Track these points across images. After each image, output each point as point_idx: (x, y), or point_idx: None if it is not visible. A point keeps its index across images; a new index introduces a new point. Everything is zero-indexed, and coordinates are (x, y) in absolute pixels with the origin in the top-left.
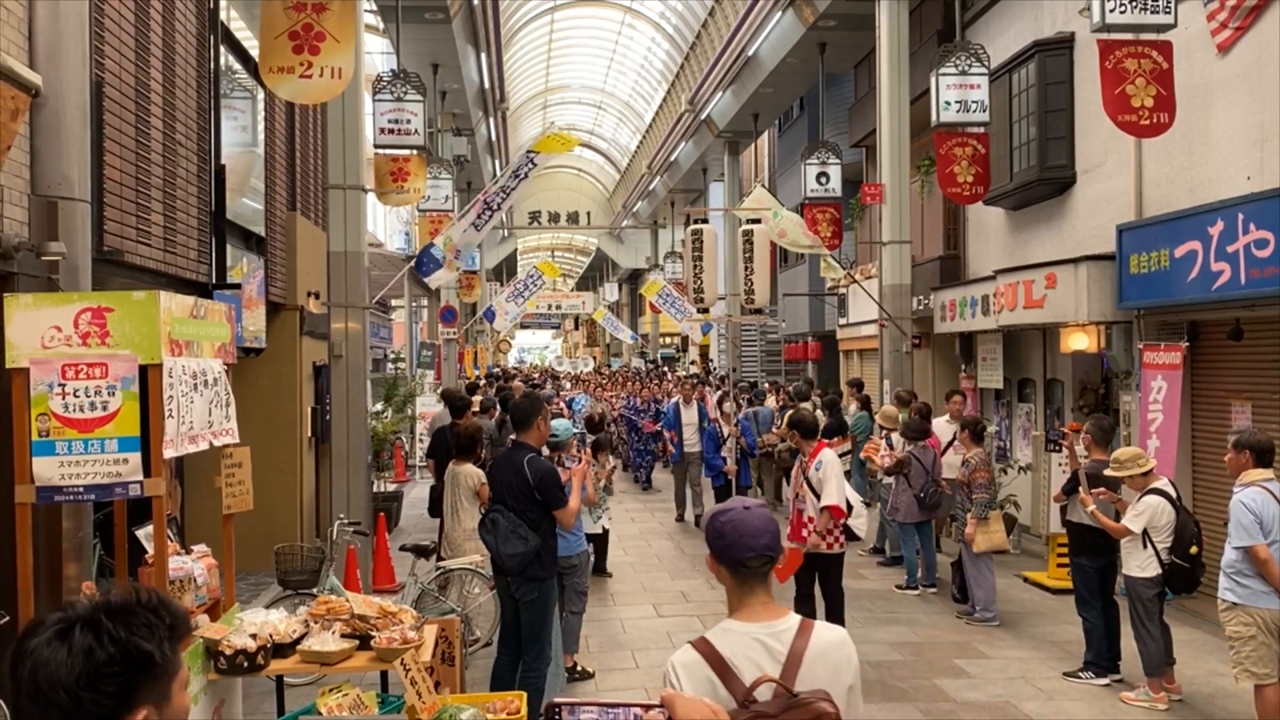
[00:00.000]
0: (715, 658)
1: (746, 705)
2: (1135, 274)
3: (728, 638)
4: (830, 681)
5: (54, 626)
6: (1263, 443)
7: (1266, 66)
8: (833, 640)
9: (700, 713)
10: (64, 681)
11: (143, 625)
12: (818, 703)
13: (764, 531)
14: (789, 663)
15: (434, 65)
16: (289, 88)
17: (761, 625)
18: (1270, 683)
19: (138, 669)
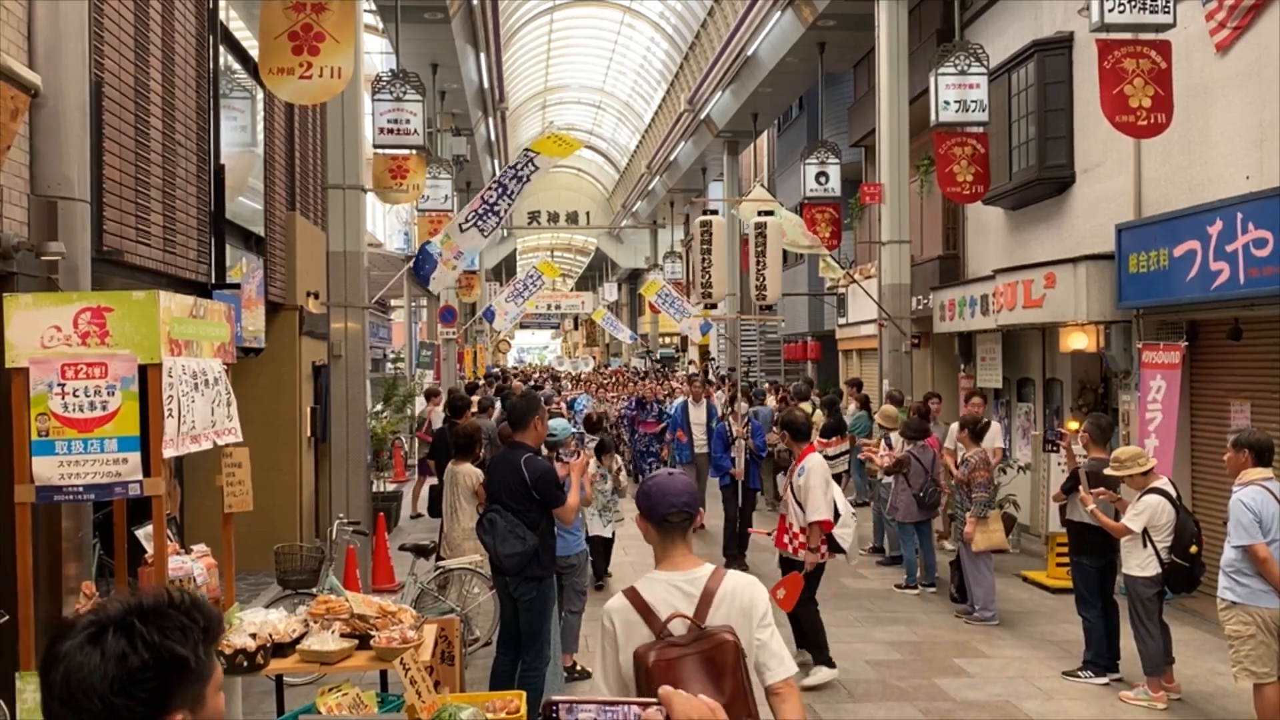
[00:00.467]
0: (639, 602)
1: (662, 638)
2: (1134, 273)
3: (651, 585)
4: (741, 619)
5: (85, 630)
6: (1262, 442)
7: (1265, 66)
8: (743, 583)
9: (698, 710)
10: (97, 687)
11: (176, 628)
12: (721, 634)
13: (683, 492)
14: (701, 603)
15: (433, 65)
16: (289, 88)
17: (680, 573)
18: (1269, 682)
19: (172, 673)
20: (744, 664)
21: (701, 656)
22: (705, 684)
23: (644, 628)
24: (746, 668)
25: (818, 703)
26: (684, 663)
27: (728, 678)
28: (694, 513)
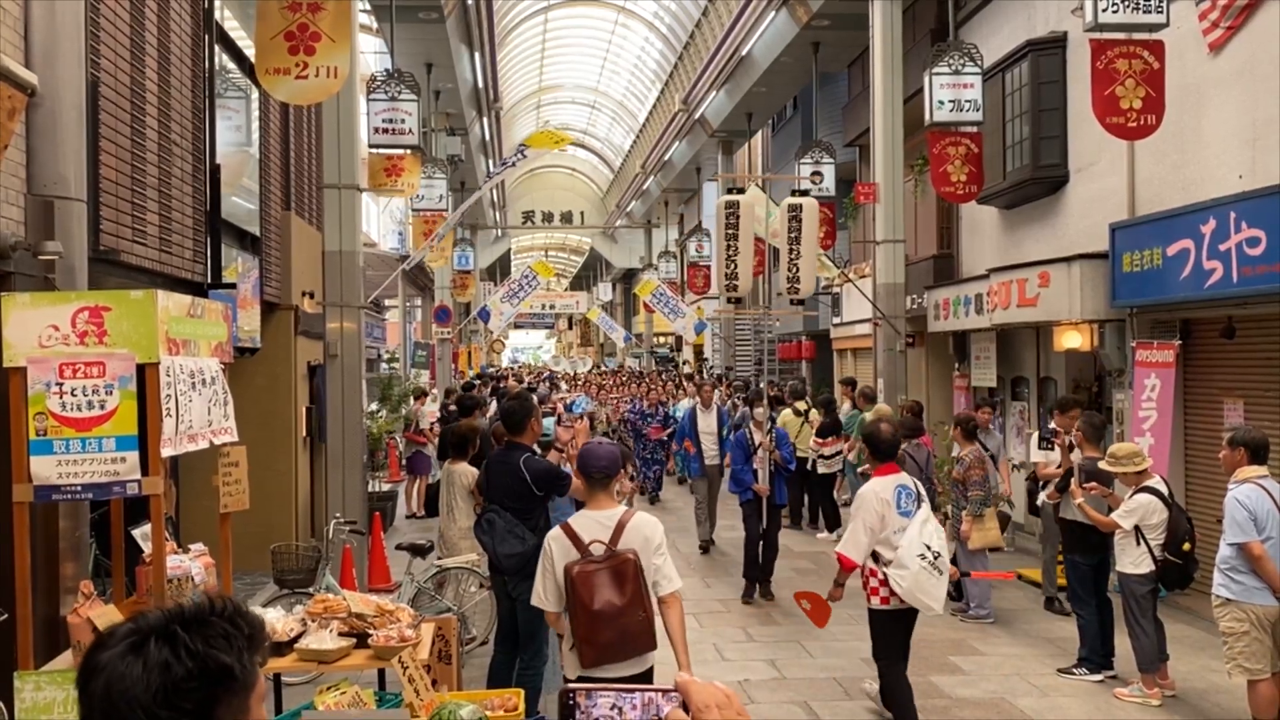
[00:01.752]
0: (570, 531)
1: (584, 557)
2: (1128, 272)
3: (581, 519)
4: (642, 545)
5: (126, 639)
6: (1257, 440)
7: (1258, 65)
8: (646, 520)
9: (713, 695)
10: (140, 699)
11: (220, 636)
12: (626, 554)
13: (604, 458)
14: (614, 533)
15: (428, 65)
16: (285, 89)
17: (601, 512)
18: (1263, 678)
19: (217, 683)
20: (642, 576)
21: (610, 570)
22: (612, 588)
23: (573, 550)
24: (644, 579)
25: (814, 701)
26: (598, 574)
27: (629, 584)
28: (613, 474)
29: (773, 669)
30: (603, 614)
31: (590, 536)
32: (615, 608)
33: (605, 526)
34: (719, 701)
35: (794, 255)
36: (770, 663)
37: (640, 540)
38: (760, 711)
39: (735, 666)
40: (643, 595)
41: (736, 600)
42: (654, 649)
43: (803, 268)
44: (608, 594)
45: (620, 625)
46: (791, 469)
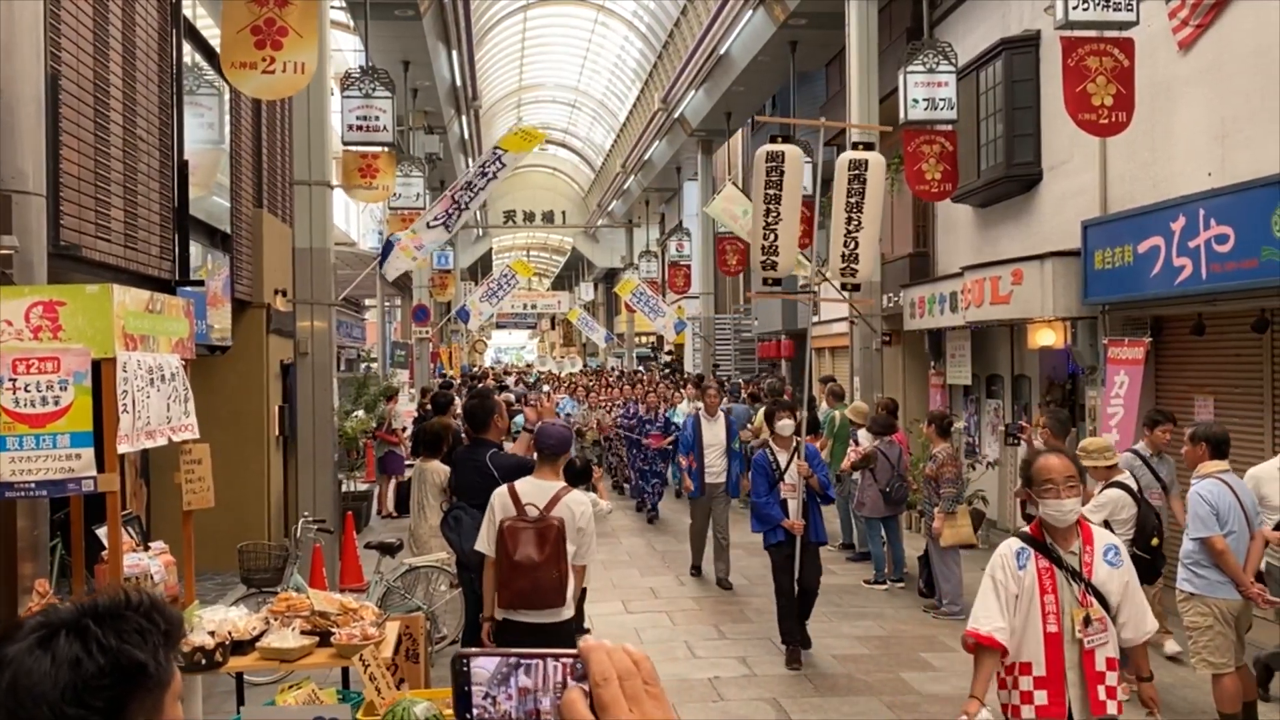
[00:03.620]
0: (514, 493)
1: (519, 515)
2: (1100, 270)
3: (525, 484)
4: (570, 516)
5: (34, 633)
6: (1219, 435)
7: (1227, 63)
8: (578, 499)
9: (619, 663)
10: (48, 695)
11: (134, 630)
12: (552, 519)
13: (555, 436)
14: (549, 502)
15: (404, 62)
16: (252, 83)
17: (544, 483)
18: (1228, 672)
19: (129, 680)
20: (563, 542)
21: (536, 530)
22: (534, 545)
23: (512, 508)
24: (565, 545)
25: (784, 698)
26: (525, 531)
27: (549, 545)
28: (561, 451)
29: (743, 666)
30: (521, 565)
31: (529, 500)
32: (533, 562)
33: (544, 494)
34: (624, 670)
35: (853, 226)
36: (741, 660)
37: (569, 514)
38: (730, 708)
39: (706, 664)
40: (559, 557)
41: (709, 597)
42: (562, 605)
43: (863, 243)
44: (529, 549)
45: (534, 578)
46: (832, 496)
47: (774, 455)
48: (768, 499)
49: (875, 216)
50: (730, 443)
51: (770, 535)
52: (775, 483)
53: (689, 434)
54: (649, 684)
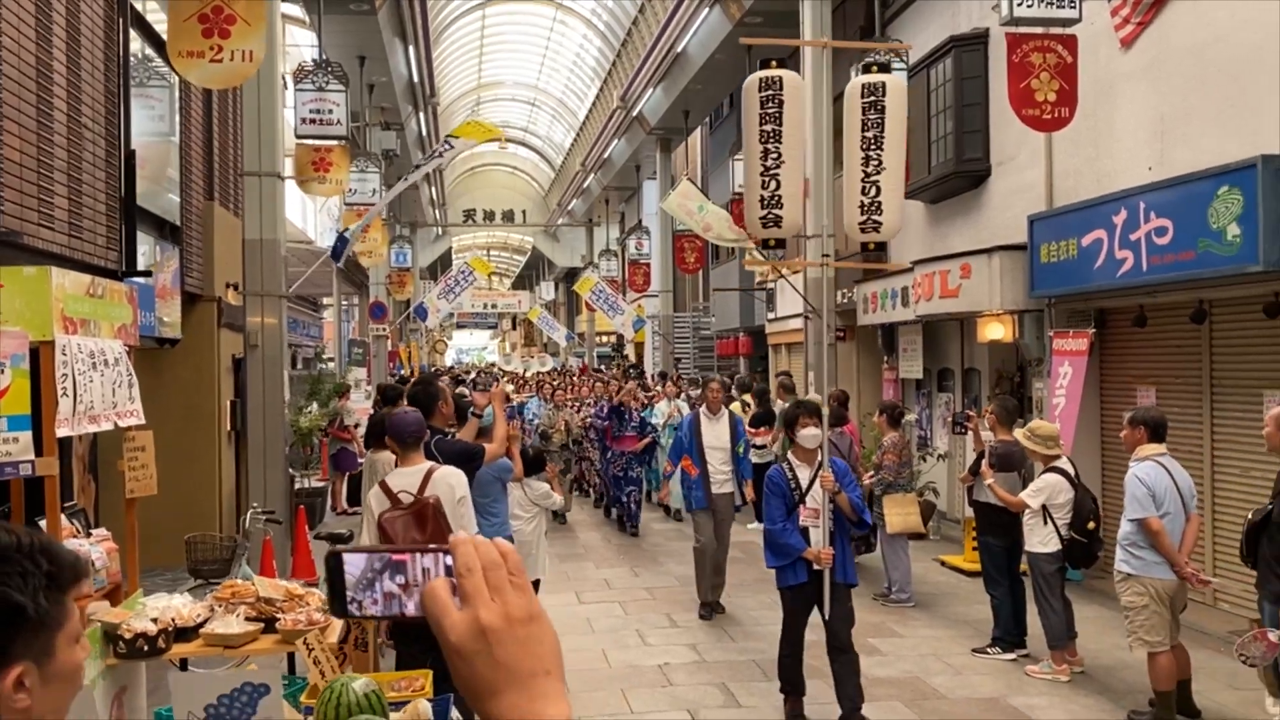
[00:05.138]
0: (386, 487)
1: (394, 506)
2: (1046, 263)
3: (394, 476)
4: (446, 493)
5: None
6: (1156, 418)
7: (1166, 60)
8: (449, 472)
9: (485, 555)
10: None
11: (16, 574)
12: (427, 500)
13: (412, 424)
14: (421, 484)
15: (360, 57)
16: (199, 72)
17: (411, 468)
18: (1163, 650)
19: (8, 623)
20: (443, 518)
21: (413, 514)
22: (415, 529)
23: (387, 500)
24: (445, 521)
25: (733, 682)
26: (402, 519)
27: (429, 524)
28: (420, 437)
29: (694, 653)
30: None
31: (400, 488)
32: (418, 544)
33: (414, 479)
34: (489, 562)
35: (872, 169)
36: (691, 647)
37: (445, 489)
38: (679, 693)
39: (657, 651)
40: (442, 533)
41: (663, 588)
42: None
43: (886, 187)
44: (412, 534)
45: None
46: (869, 521)
47: (793, 471)
48: (784, 525)
49: (899, 153)
50: (735, 445)
51: (789, 574)
52: (794, 506)
53: (686, 435)
54: (514, 575)
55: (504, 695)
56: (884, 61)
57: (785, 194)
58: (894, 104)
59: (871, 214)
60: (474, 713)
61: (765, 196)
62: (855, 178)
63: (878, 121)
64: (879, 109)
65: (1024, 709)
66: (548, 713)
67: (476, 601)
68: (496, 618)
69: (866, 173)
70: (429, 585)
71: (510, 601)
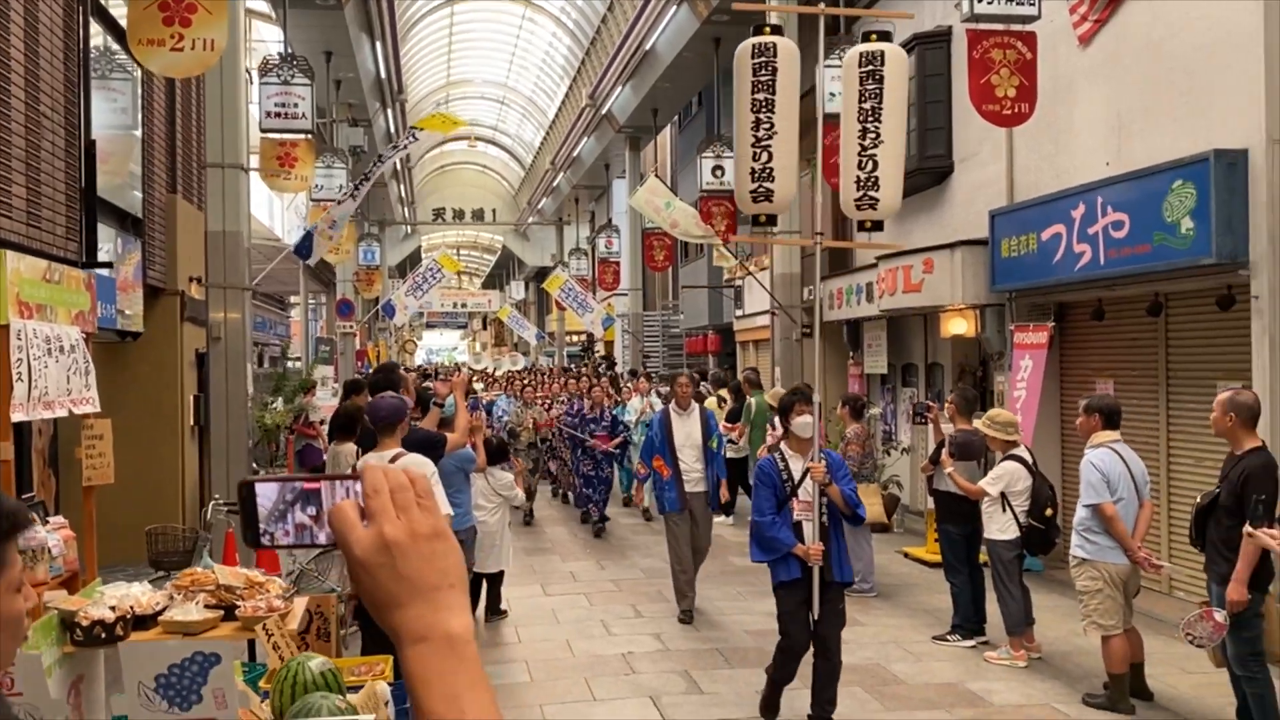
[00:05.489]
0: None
1: None
2: (1006, 257)
3: (364, 461)
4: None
5: None
6: (1111, 406)
7: (1123, 57)
8: (415, 459)
9: (393, 479)
10: None
11: None
12: None
13: (385, 409)
14: None
15: (327, 53)
16: (159, 60)
17: (384, 452)
18: (1116, 634)
19: None
20: None
21: None
22: None
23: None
24: None
25: (695, 670)
26: None
27: None
28: (396, 422)
29: (658, 641)
30: None
31: None
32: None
33: (382, 463)
34: (396, 484)
35: (869, 142)
36: (655, 636)
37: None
38: (642, 680)
39: (621, 640)
40: None
41: (629, 580)
42: None
43: (885, 161)
44: None
45: None
46: (862, 515)
47: (784, 463)
48: (773, 518)
49: (898, 126)
50: (708, 441)
51: (781, 569)
52: (785, 499)
53: (657, 433)
54: (422, 498)
55: (408, 607)
56: (884, 30)
57: (778, 166)
58: (893, 74)
59: (868, 190)
60: None
61: (756, 169)
62: (851, 151)
63: (875, 92)
64: (877, 79)
65: (982, 693)
66: (451, 623)
67: (382, 519)
68: (401, 533)
69: (863, 146)
70: (336, 505)
71: (416, 519)
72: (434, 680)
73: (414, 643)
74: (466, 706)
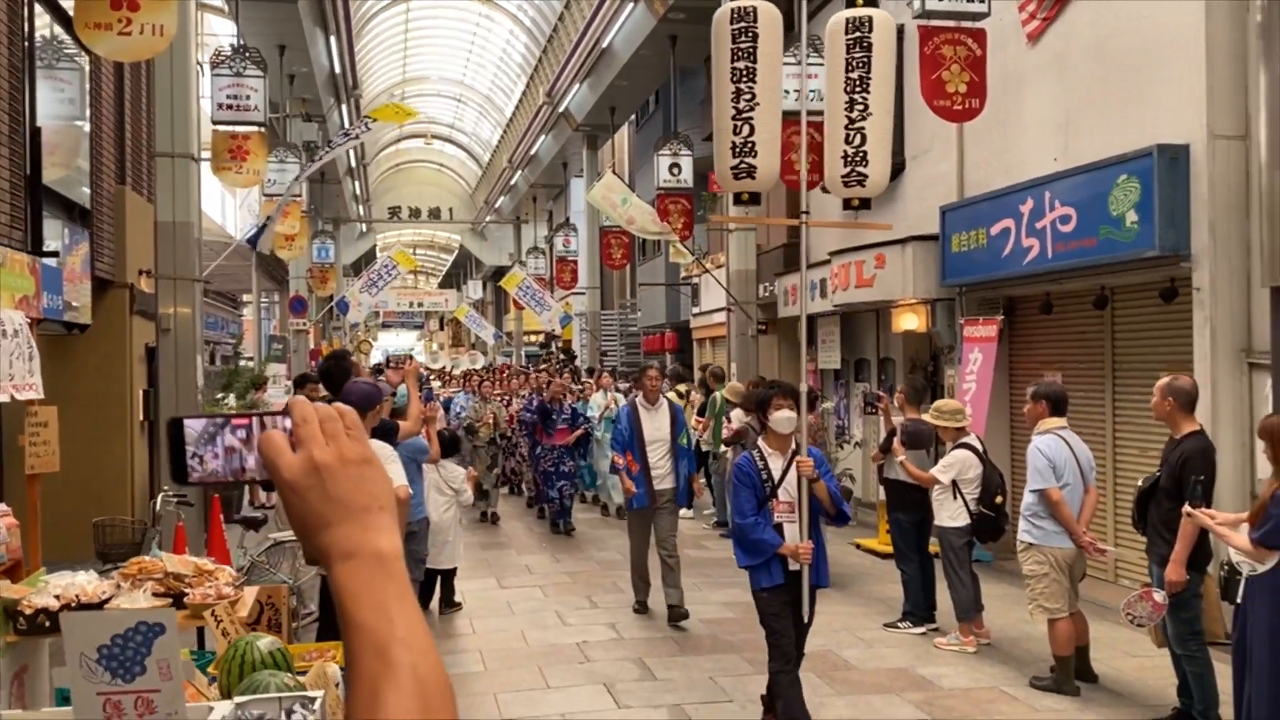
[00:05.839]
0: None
1: None
2: (957, 252)
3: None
4: None
5: None
6: (1058, 393)
7: (1070, 54)
8: (376, 445)
9: (324, 411)
10: None
11: None
12: None
13: (355, 394)
14: None
15: (280, 47)
16: (107, 45)
17: None
18: (1062, 617)
19: None
20: None
21: None
22: None
23: None
24: None
25: (649, 657)
26: None
27: None
28: (366, 409)
29: (612, 631)
30: None
31: None
32: None
33: None
34: (325, 414)
35: (856, 114)
36: (610, 625)
37: None
38: (596, 668)
39: (575, 630)
40: None
41: (584, 572)
42: None
43: (873, 134)
44: None
45: None
46: (847, 513)
47: (764, 460)
48: (756, 520)
49: (887, 97)
50: (677, 437)
51: (763, 574)
52: (766, 499)
53: (625, 427)
54: (350, 429)
55: (336, 527)
56: None
57: (760, 140)
58: (882, 42)
59: (856, 165)
60: None
61: (737, 143)
62: (838, 124)
63: (863, 61)
64: (864, 46)
65: (932, 678)
66: (380, 542)
67: (311, 444)
68: (330, 456)
69: (850, 118)
70: (265, 432)
71: (344, 445)
72: (363, 593)
73: (343, 560)
74: (395, 617)
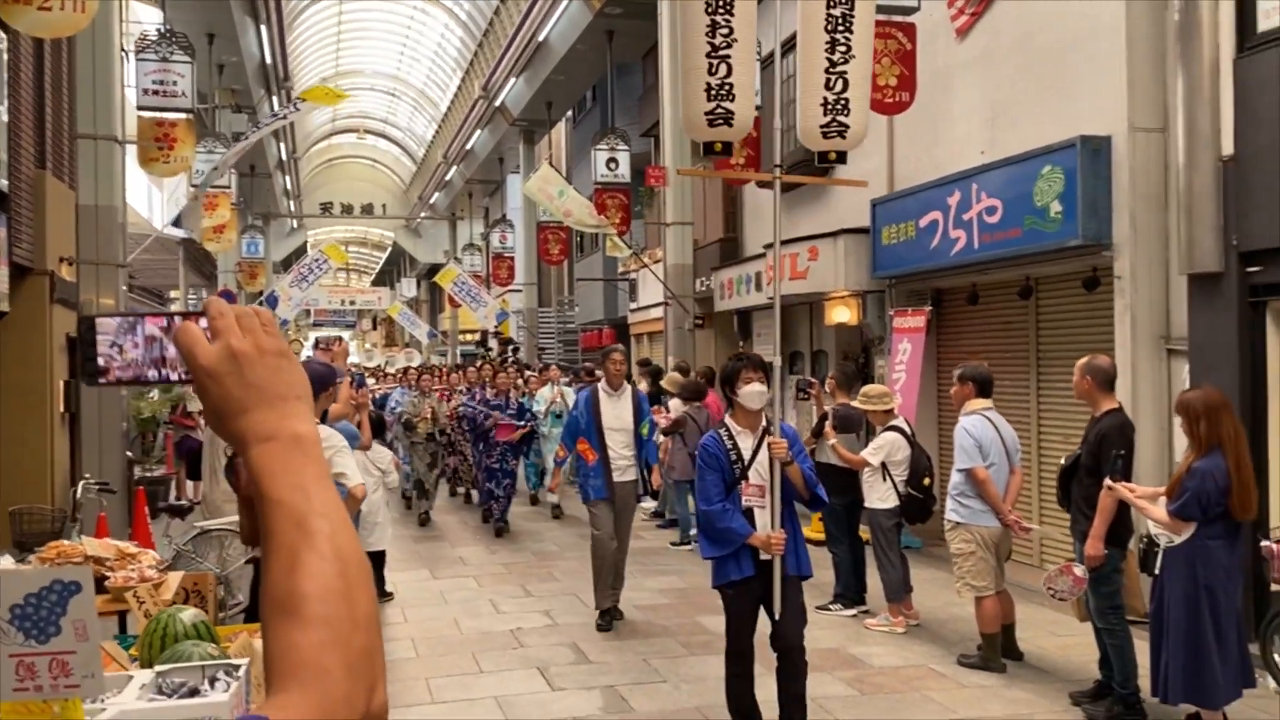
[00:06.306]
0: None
1: None
2: (887, 245)
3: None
4: None
5: None
6: (984, 375)
7: (997, 50)
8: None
9: (239, 307)
10: None
11: None
12: None
13: (315, 373)
14: None
15: (209, 35)
16: (27, 20)
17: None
18: (988, 595)
19: None
20: None
21: None
22: None
23: None
24: None
25: (584, 642)
26: None
27: None
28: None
29: (547, 618)
30: None
31: None
32: None
33: None
34: (242, 311)
35: (839, 56)
36: (545, 613)
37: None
38: (530, 654)
39: (510, 617)
40: None
41: (519, 564)
42: None
43: (854, 81)
44: None
45: None
46: (822, 496)
47: (732, 439)
48: (724, 506)
49: (869, 40)
50: (639, 426)
51: (730, 566)
52: (735, 482)
53: (583, 413)
54: (266, 326)
55: (253, 413)
56: None
57: (738, 82)
58: (863, 21)
59: (837, 114)
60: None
61: (713, 85)
62: (817, 68)
63: (843, 31)
64: (847, 20)
65: (863, 657)
66: (299, 427)
67: (228, 334)
68: (248, 346)
69: (832, 61)
70: (182, 323)
71: (262, 337)
72: (280, 472)
73: (260, 442)
74: (313, 495)
